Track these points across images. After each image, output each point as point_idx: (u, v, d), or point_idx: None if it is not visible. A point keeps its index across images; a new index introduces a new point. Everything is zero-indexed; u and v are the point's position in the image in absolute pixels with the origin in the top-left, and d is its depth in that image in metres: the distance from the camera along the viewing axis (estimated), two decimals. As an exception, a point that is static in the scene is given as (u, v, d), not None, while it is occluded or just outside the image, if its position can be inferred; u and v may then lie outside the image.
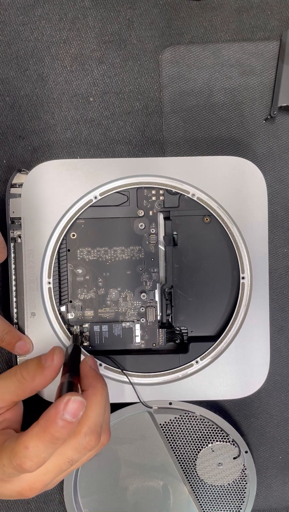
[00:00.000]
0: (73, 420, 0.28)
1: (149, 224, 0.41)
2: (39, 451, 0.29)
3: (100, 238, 0.41)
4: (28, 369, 0.34)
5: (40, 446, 0.29)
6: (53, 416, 0.28)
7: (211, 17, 0.45)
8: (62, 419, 0.28)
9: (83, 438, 0.31)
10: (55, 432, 0.28)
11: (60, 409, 0.28)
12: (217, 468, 0.43)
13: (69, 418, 0.28)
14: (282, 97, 0.44)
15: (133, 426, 0.43)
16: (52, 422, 0.28)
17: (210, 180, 0.40)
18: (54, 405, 0.29)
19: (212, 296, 0.42)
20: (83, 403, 0.29)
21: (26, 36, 0.44)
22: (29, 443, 0.29)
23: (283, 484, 0.47)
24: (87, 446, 0.31)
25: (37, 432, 0.29)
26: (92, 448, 0.32)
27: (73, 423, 0.28)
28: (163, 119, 0.45)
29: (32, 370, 0.34)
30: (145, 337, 0.42)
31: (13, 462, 0.29)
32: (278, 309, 0.46)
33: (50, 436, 0.28)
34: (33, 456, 0.29)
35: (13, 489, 0.32)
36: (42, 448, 0.29)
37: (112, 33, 0.45)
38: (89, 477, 0.43)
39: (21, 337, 0.39)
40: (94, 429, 0.31)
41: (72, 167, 0.40)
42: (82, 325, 0.42)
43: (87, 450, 0.31)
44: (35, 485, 0.32)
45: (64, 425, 0.28)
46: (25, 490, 0.32)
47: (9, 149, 0.44)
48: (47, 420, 0.28)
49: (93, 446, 0.31)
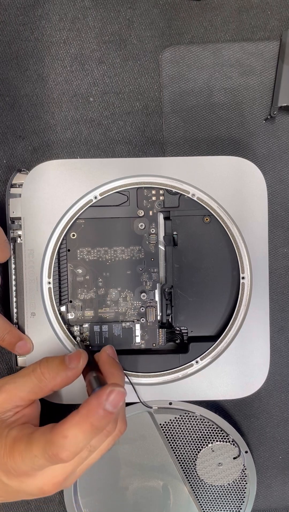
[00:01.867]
0: (114, 410, 0.29)
1: (149, 224, 0.41)
2: (78, 440, 0.29)
3: (100, 238, 0.41)
4: (49, 367, 0.33)
5: (79, 435, 0.29)
6: (96, 406, 0.29)
7: (211, 17, 0.45)
8: (104, 409, 0.29)
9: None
10: (95, 421, 0.28)
11: (103, 400, 0.29)
12: (217, 468, 0.43)
13: (111, 409, 0.29)
14: (282, 97, 0.44)
15: (133, 426, 0.43)
16: (94, 412, 0.28)
17: (210, 180, 0.40)
18: (96, 396, 0.29)
19: (212, 296, 0.42)
20: (125, 394, 0.29)
21: (26, 36, 0.44)
22: (68, 432, 0.29)
23: (283, 484, 0.47)
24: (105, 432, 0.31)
25: (78, 422, 0.29)
26: (110, 434, 0.32)
27: (113, 413, 0.29)
28: (163, 119, 0.45)
29: (54, 370, 0.33)
30: (145, 337, 0.42)
31: (48, 451, 0.29)
32: (278, 309, 0.46)
33: (91, 426, 0.28)
34: (71, 446, 0.29)
35: (36, 485, 0.31)
36: (81, 437, 0.29)
37: (112, 33, 0.45)
38: (89, 477, 0.43)
39: (22, 337, 0.39)
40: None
41: (72, 167, 0.40)
42: (82, 325, 0.42)
43: (105, 435, 0.32)
44: (57, 479, 0.32)
45: (105, 415, 0.29)
46: (47, 485, 0.32)
47: (9, 149, 0.44)
48: (89, 410, 0.29)
49: (110, 432, 0.32)
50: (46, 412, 0.38)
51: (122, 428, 0.35)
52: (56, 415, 0.45)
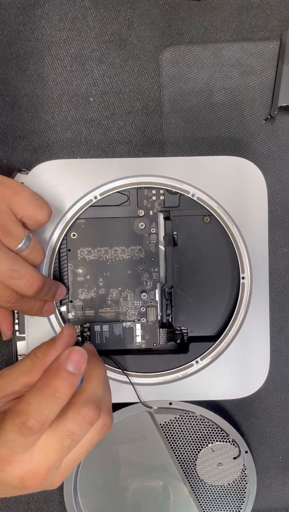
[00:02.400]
0: (75, 372, 0.28)
1: (149, 223, 0.41)
2: (42, 406, 0.28)
3: (101, 238, 0.41)
4: (41, 347, 0.34)
5: (42, 401, 0.28)
6: (56, 368, 0.28)
7: (211, 17, 0.45)
8: (65, 370, 0.28)
9: (82, 408, 0.30)
10: (57, 384, 0.28)
11: (63, 360, 0.28)
12: (217, 468, 0.43)
13: (72, 369, 0.28)
14: (282, 97, 0.44)
15: (133, 426, 0.43)
16: (54, 374, 0.28)
17: (210, 180, 0.40)
18: (57, 358, 0.29)
19: (212, 296, 0.42)
20: (85, 355, 0.29)
21: (26, 36, 0.44)
22: (31, 399, 0.28)
23: (283, 484, 0.47)
24: (86, 417, 0.30)
25: (39, 386, 0.28)
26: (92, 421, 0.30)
27: (75, 375, 0.28)
28: (163, 119, 0.45)
29: (44, 347, 0.33)
30: (145, 337, 0.42)
31: (16, 421, 0.28)
32: (278, 309, 0.46)
33: (53, 389, 0.28)
34: (36, 412, 0.28)
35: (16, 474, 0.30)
36: (44, 403, 0.28)
37: (112, 33, 0.45)
38: (89, 477, 0.43)
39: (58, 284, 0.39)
40: (93, 400, 0.31)
41: (72, 167, 0.40)
42: (83, 325, 0.42)
43: (86, 421, 0.30)
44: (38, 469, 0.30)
45: (67, 377, 0.28)
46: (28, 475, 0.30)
47: (9, 149, 0.44)
48: (49, 373, 0.28)
49: (92, 419, 0.30)
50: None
51: (108, 421, 0.33)
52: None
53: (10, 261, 0.33)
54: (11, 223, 0.34)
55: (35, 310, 0.38)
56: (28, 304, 0.37)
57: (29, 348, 0.40)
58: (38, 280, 0.35)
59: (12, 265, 0.33)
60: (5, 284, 0.34)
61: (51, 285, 0.38)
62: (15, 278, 0.33)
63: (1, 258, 0.33)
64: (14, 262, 0.34)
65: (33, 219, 0.36)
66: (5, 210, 0.34)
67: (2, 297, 0.34)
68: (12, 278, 0.33)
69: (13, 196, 0.35)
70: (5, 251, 0.34)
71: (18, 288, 0.34)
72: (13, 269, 0.33)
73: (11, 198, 0.35)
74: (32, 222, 0.36)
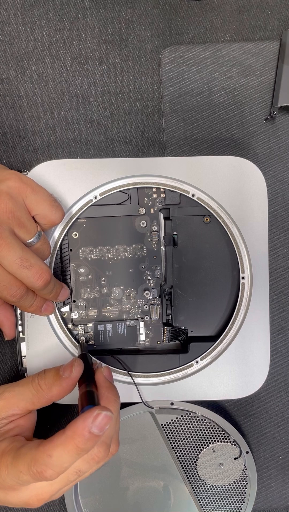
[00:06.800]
0: (100, 433, 0.29)
1: (150, 221, 0.41)
2: (62, 460, 0.29)
3: (102, 237, 0.41)
4: (46, 378, 0.33)
5: (64, 456, 0.29)
6: (81, 429, 0.28)
7: (211, 17, 0.45)
8: (90, 432, 0.28)
9: (94, 450, 0.31)
10: (81, 443, 0.28)
11: (89, 423, 0.28)
12: (218, 468, 0.43)
13: (97, 432, 0.29)
14: (282, 97, 0.44)
15: (134, 426, 0.42)
16: (79, 434, 0.28)
17: (210, 180, 0.40)
18: (83, 418, 0.29)
19: (212, 296, 0.42)
20: (112, 418, 0.29)
21: (26, 36, 0.44)
22: (53, 452, 0.29)
23: (283, 484, 0.47)
24: (95, 458, 0.31)
25: (63, 442, 0.29)
26: (101, 460, 0.32)
27: (99, 436, 0.29)
28: (163, 119, 0.45)
29: (50, 380, 0.33)
30: (149, 335, 0.42)
31: (33, 469, 0.29)
32: (278, 309, 0.46)
33: (76, 447, 0.29)
34: (55, 465, 0.29)
35: (20, 499, 0.32)
36: (66, 458, 0.29)
37: (112, 33, 0.45)
38: (90, 477, 0.43)
39: (62, 285, 0.40)
40: (104, 441, 0.32)
41: (72, 167, 0.40)
42: (86, 324, 0.42)
43: (95, 461, 0.32)
44: (42, 496, 0.32)
45: (91, 438, 0.29)
46: (32, 500, 0.32)
47: (9, 149, 0.44)
48: (74, 432, 0.29)
49: (101, 458, 0.32)
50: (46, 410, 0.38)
51: (114, 450, 0.34)
52: (55, 414, 0.45)
53: (21, 250, 0.34)
54: (26, 217, 0.35)
55: (34, 307, 0.38)
56: (29, 300, 0.37)
57: (29, 348, 0.40)
58: (46, 273, 0.35)
59: (24, 254, 0.34)
60: (14, 273, 0.34)
61: (56, 283, 0.38)
62: (25, 267, 0.34)
63: (13, 247, 0.33)
64: (25, 252, 0.34)
65: (47, 218, 0.37)
66: (22, 204, 0.35)
67: (10, 290, 0.35)
68: (22, 266, 0.34)
69: (31, 194, 0.35)
70: (18, 241, 0.34)
71: (27, 278, 0.34)
72: (24, 258, 0.34)
73: (28, 195, 0.35)
74: (45, 221, 0.37)
